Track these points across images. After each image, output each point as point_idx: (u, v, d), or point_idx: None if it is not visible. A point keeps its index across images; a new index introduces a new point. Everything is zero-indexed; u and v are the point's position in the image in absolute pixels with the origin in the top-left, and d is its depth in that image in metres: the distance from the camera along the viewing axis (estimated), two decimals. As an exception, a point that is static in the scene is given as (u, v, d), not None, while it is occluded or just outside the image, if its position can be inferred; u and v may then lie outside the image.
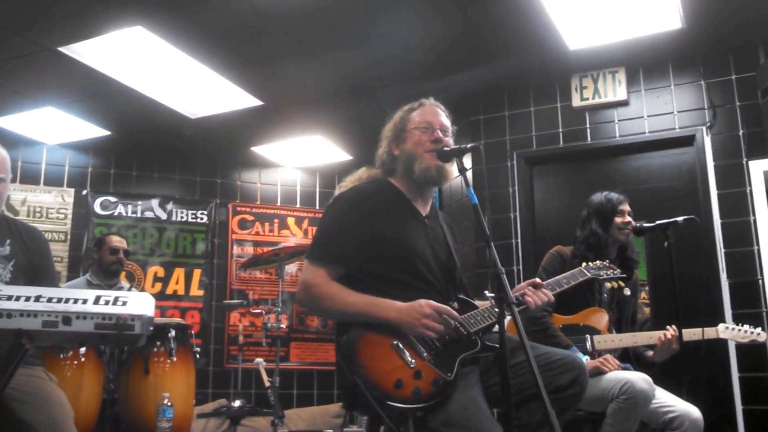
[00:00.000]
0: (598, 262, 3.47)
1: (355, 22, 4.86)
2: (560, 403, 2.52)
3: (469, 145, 2.65)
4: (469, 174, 2.73)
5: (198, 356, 4.97)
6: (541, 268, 4.18)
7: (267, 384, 5.73)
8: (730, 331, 3.80)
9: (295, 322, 7.70)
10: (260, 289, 7.67)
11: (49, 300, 2.30)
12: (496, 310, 2.29)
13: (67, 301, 2.32)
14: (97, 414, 4.40)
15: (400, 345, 2.47)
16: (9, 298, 2.27)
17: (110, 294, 2.39)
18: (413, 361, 2.43)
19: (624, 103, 5.63)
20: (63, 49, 5.06)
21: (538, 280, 2.84)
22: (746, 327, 3.78)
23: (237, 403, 5.72)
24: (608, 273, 3.45)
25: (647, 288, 5.47)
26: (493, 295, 2.37)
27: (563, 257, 4.03)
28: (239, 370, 6.54)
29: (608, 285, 3.63)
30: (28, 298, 2.29)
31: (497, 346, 2.46)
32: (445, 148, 2.74)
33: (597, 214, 4.04)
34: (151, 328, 2.44)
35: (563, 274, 3.11)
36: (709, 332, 3.78)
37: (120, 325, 2.34)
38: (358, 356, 2.44)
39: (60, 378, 4.03)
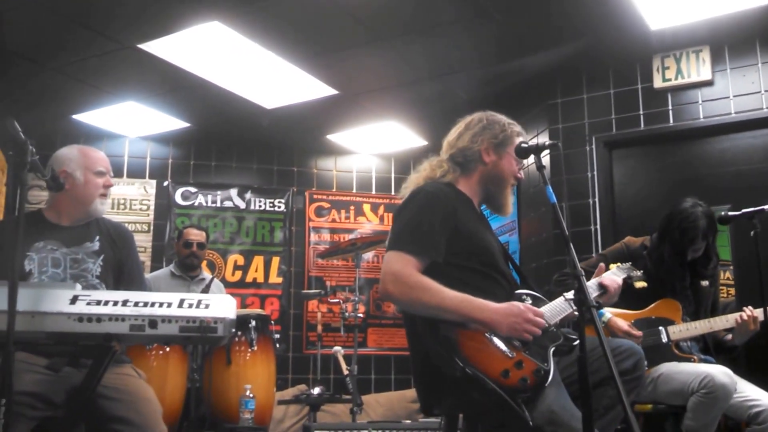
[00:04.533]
0: (627, 264, 3.55)
1: (427, 8, 4.82)
2: (624, 387, 2.55)
3: (547, 143, 2.63)
4: (547, 160, 2.73)
5: (277, 346, 5.05)
6: (601, 252, 4.16)
7: (345, 372, 5.79)
8: None
9: (372, 308, 7.75)
10: (337, 275, 7.74)
11: (136, 304, 2.37)
12: (575, 312, 2.31)
13: (153, 305, 2.39)
14: (182, 403, 4.52)
15: (495, 337, 2.50)
16: (98, 303, 2.35)
17: (193, 297, 2.44)
18: (512, 352, 2.45)
19: (708, 83, 5.40)
20: (142, 46, 5.18)
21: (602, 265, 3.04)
22: None
23: (316, 391, 5.78)
24: (634, 274, 3.52)
25: (731, 268, 5.31)
26: (572, 297, 2.38)
27: (630, 249, 3.96)
28: (318, 356, 6.61)
29: (637, 285, 3.60)
30: (116, 303, 2.37)
31: (576, 337, 2.55)
32: (523, 145, 2.71)
33: (671, 242, 3.90)
34: (233, 330, 2.49)
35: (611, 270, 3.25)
36: None
37: (203, 327, 2.40)
38: (460, 348, 2.46)
39: (146, 369, 4.17)
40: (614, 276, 3.07)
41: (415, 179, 2.95)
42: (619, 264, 3.53)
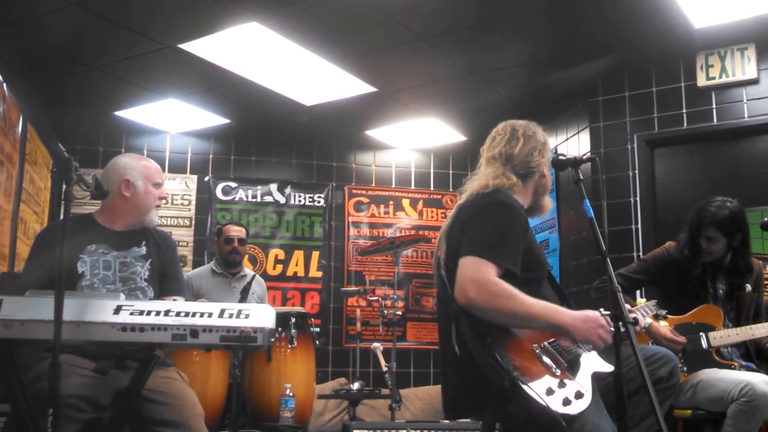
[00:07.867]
0: (654, 300, 3.71)
1: (467, 11, 4.83)
2: (660, 395, 2.65)
3: (584, 157, 2.62)
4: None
5: (317, 343, 5.09)
6: (642, 258, 4.13)
7: (384, 369, 5.82)
8: None
9: (411, 302, 7.76)
10: (377, 270, 7.76)
11: (178, 314, 2.42)
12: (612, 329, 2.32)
13: (194, 314, 2.43)
14: (224, 399, 4.59)
15: (541, 353, 2.48)
16: (141, 312, 2.40)
17: (234, 307, 2.48)
18: (558, 369, 2.44)
19: (754, 82, 5.28)
20: (182, 46, 5.27)
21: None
22: None
23: (356, 386, 5.82)
24: (660, 312, 3.68)
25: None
26: (608, 313, 2.38)
27: (671, 255, 3.90)
28: (357, 350, 6.66)
29: None
30: (158, 313, 2.41)
31: (611, 366, 2.54)
32: (561, 157, 2.69)
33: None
34: (272, 339, 2.53)
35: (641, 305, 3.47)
36: None
37: (243, 337, 2.44)
38: (509, 359, 2.43)
39: (188, 364, 4.26)
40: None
41: (481, 184, 2.84)
42: (646, 302, 3.62)
